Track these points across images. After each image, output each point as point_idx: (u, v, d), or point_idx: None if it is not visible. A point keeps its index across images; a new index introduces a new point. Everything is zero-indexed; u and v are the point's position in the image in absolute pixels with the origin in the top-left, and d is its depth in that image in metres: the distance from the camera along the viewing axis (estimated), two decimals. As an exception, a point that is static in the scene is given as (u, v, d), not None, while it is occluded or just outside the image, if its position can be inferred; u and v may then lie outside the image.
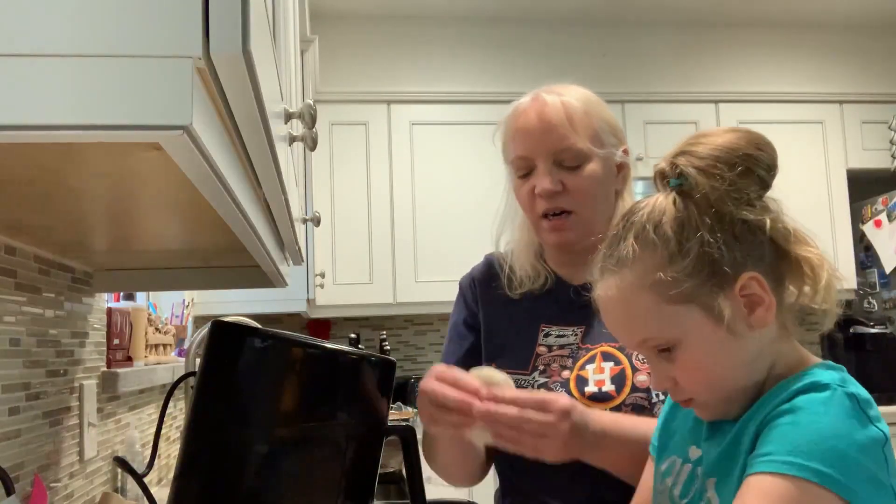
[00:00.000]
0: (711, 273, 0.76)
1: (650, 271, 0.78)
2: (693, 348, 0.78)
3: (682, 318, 0.78)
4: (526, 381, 1.20)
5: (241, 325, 0.89)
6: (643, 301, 0.79)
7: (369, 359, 0.90)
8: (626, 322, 0.82)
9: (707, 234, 0.76)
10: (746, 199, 0.78)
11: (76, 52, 0.43)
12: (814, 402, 0.73)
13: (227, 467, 0.86)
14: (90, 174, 0.65)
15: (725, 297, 0.77)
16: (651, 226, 0.79)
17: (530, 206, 1.22)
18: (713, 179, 0.77)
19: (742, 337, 0.78)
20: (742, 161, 0.78)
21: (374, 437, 0.90)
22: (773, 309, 0.78)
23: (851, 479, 0.69)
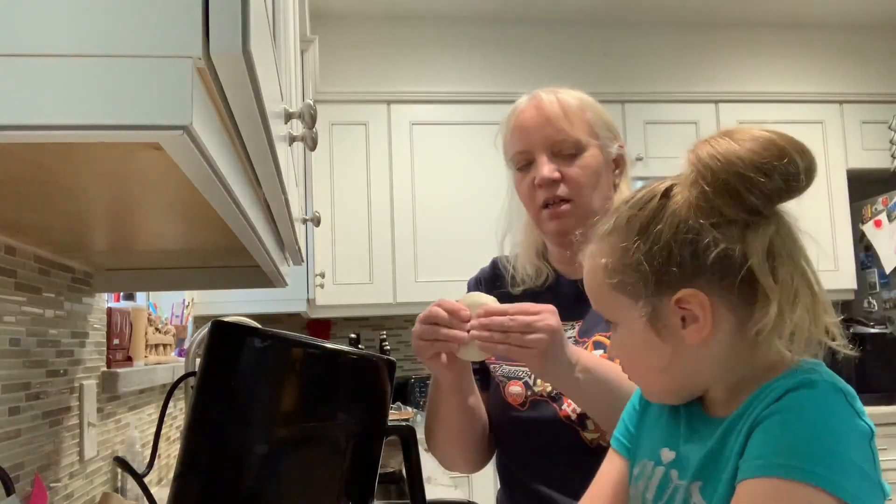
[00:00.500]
0: (651, 277, 0.77)
1: (608, 252, 0.81)
2: (623, 334, 0.82)
3: (619, 306, 0.81)
4: (523, 370, 1.24)
5: (241, 325, 0.89)
6: (596, 277, 0.83)
7: (369, 359, 0.90)
8: (587, 289, 0.86)
9: (660, 244, 0.76)
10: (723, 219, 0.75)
11: (76, 52, 0.43)
12: (803, 400, 0.73)
13: (227, 467, 0.86)
14: (90, 174, 0.65)
15: (662, 303, 0.77)
16: (625, 215, 0.81)
17: (530, 199, 1.26)
18: (709, 187, 0.75)
19: (675, 345, 0.77)
20: (756, 174, 0.74)
21: (374, 437, 0.90)
22: (706, 331, 0.76)
23: (844, 476, 0.69)
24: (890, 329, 3.55)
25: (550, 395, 1.20)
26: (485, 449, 1.30)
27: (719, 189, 0.75)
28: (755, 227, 0.75)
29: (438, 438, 1.27)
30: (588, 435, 1.16)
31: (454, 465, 1.32)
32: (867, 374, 3.54)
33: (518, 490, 1.26)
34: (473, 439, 1.27)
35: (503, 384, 1.26)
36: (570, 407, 1.18)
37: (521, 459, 1.25)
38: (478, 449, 1.29)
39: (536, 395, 1.21)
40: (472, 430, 1.26)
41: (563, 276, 1.30)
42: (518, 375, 1.25)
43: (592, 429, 1.16)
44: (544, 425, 1.19)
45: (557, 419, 1.18)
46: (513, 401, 1.24)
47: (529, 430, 1.22)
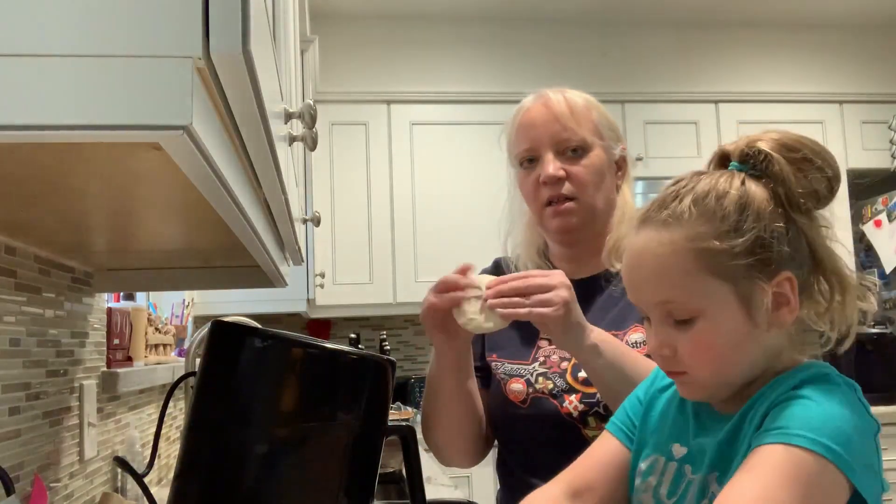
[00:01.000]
0: (760, 260, 0.77)
1: (703, 237, 0.77)
2: (712, 325, 0.78)
3: (714, 293, 0.77)
4: (525, 369, 1.25)
5: (241, 325, 0.89)
6: (685, 262, 0.77)
7: (369, 359, 0.90)
8: (655, 278, 0.80)
9: (768, 223, 0.77)
10: (815, 204, 0.80)
11: (76, 52, 0.43)
12: (820, 389, 0.75)
13: (227, 467, 0.86)
14: (90, 174, 0.65)
15: (761, 287, 0.77)
16: (714, 195, 0.78)
17: (534, 197, 1.27)
18: (799, 172, 0.78)
19: (759, 330, 0.78)
20: (823, 164, 0.79)
21: (374, 437, 0.90)
22: (796, 313, 0.79)
23: (855, 459, 0.71)
24: (890, 329, 3.55)
25: (552, 393, 1.21)
26: (482, 441, 1.30)
27: (816, 172, 0.79)
28: (817, 219, 0.81)
29: (436, 424, 1.27)
30: (589, 432, 1.16)
31: (451, 455, 1.31)
32: (867, 374, 3.54)
33: (518, 487, 1.26)
34: (471, 426, 1.27)
35: (504, 382, 1.26)
36: (572, 404, 1.18)
37: (522, 456, 1.26)
38: (475, 439, 1.28)
39: (538, 393, 1.22)
40: (469, 416, 1.26)
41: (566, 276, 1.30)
42: (519, 373, 1.25)
43: (594, 426, 1.16)
44: (545, 422, 1.20)
45: (559, 416, 1.19)
46: (514, 398, 1.24)
47: (531, 427, 1.22)
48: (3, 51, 0.42)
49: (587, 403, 1.17)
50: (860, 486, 0.71)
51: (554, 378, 1.21)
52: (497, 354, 1.29)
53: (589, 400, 1.16)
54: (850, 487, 0.71)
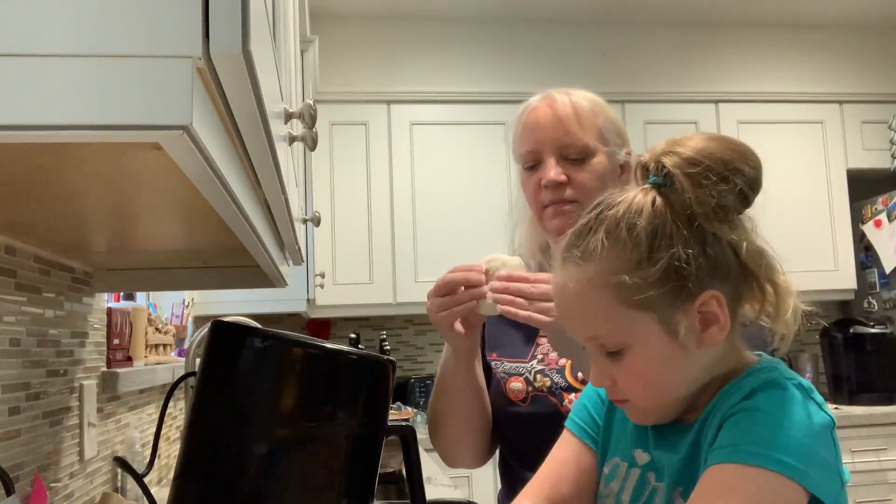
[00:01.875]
0: (675, 286, 0.75)
1: (615, 271, 0.76)
2: (640, 355, 0.78)
3: (636, 324, 0.77)
4: (524, 367, 1.25)
5: (241, 325, 0.89)
6: (602, 299, 0.77)
7: (369, 359, 0.90)
8: (579, 315, 0.81)
9: (680, 247, 0.75)
10: (725, 215, 0.77)
11: (76, 52, 0.43)
12: (770, 397, 0.75)
13: (227, 467, 0.86)
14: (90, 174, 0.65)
15: (684, 311, 0.76)
16: (625, 224, 0.77)
17: (535, 198, 1.27)
18: (698, 188, 0.76)
19: (690, 351, 0.77)
20: (731, 174, 0.76)
21: (374, 437, 0.90)
22: (727, 329, 0.77)
23: (809, 466, 0.71)
24: (890, 329, 3.55)
25: (551, 391, 1.21)
26: (489, 440, 1.30)
27: (722, 183, 0.76)
28: (738, 223, 0.78)
29: (446, 423, 1.27)
30: None
31: (458, 453, 1.31)
32: (867, 374, 3.54)
33: (518, 485, 1.26)
34: (481, 424, 1.27)
35: (504, 380, 1.26)
36: (571, 403, 1.18)
37: (522, 454, 1.26)
38: (484, 437, 1.29)
39: (537, 391, 1.22)
40: (480, 413, 1.26)
41: None
42: (519, 372, 1.25)
43: None
44: (545, 420, 1.20)
45: (558, 414, 1.19)
46: (514, 397, 1.24)
47: (530, 425, 1.22)
48: (3, 51, 0.42)
49: None
50: (818, 492, 0.71)
51: (552, 374, 1.22)
52: (497, 353, 1.30)
53: None
54: (807, 494, 0.71)
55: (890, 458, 3.27)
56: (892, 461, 3.27)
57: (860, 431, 3.26)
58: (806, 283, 3.81)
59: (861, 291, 3.76)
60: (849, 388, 3.58)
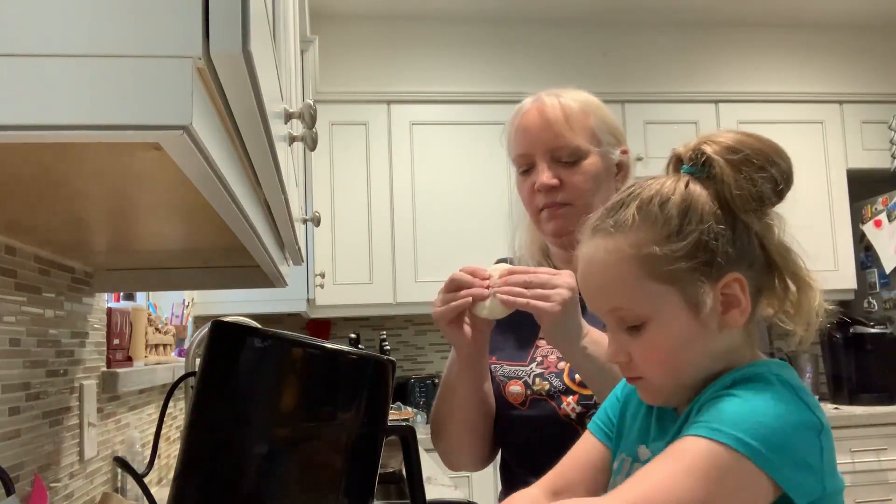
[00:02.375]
0: (703, 262, 0.77)
1: (645, 243, 0.77)
2: (661, 329, 0.78)
3: (660, 298, 0.78)
4: (523, 370, 1.25)
5: (241, 325, 0.89)
6: (629, 270, 0.78)
7: (369, 359, 0.90)
8: (603, 286, 0.81)
9: (712, 223, 0.77)
10: (759, 205, 0.78)
11: (76, 52, 0.43)
12: (750, 387, 0.75)
13: (227, 467, 0.86)
14: (90, 174, 0.65)
15: (708, 289, 0.77)
16: (658, 201, 0.79)
17: (530, 201, 1.28)
18: (738, 173, 0.78)
19: (709, 332, 0.78)
20: (768, 164, 0.78)
21: (374, 437, 0.90)
22: (747, 314, 0.78)
23: (777, 455, 0.70)
24: (890, 329, 3.55)
25: (549, 394, 1.21)
26: (491, 444, 1.30)
27: (760, 173, 0.77)
28: (769, 216, 0.80)
29: (449, 426, 1.26)
30: None
31: (460, 457, 1.31)
32: (867, 374, 3.54)
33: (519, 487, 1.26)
34: (485, 428, 1.27)
35: (503, 384, 1.26)
36: (570, 406, 1.18)
37: (521, 457, 1.26)
38: (487, 440, 1.29)
39: (536, 395, 1.22)
40: (484, 419, 1.26)
41: None
42: (518, 375, 1.25)
43: None
44: (543, 423, 1.20)
45: (556, 417, 1.19)
46: (513, 400, 1.24)
47: (529, 428, 1.22)
48: (3, 51, 0.42)
49: (584, 405, 1.17)
50: (785, 485, 0.70)
51: (550, 378, 1.21)
52: (496, 357, 1.30)
53: (586, 402, 1.17)
54: (772, 483, 0.70)
55: (890, 458, 3.27)
56: (892, 461, 3.27)
57: (860, 431, 3.26)
58: (806, 283, 3.83)
59: (861, 291, 3.76)
60: (849, 388, 3.58)
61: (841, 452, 3.23)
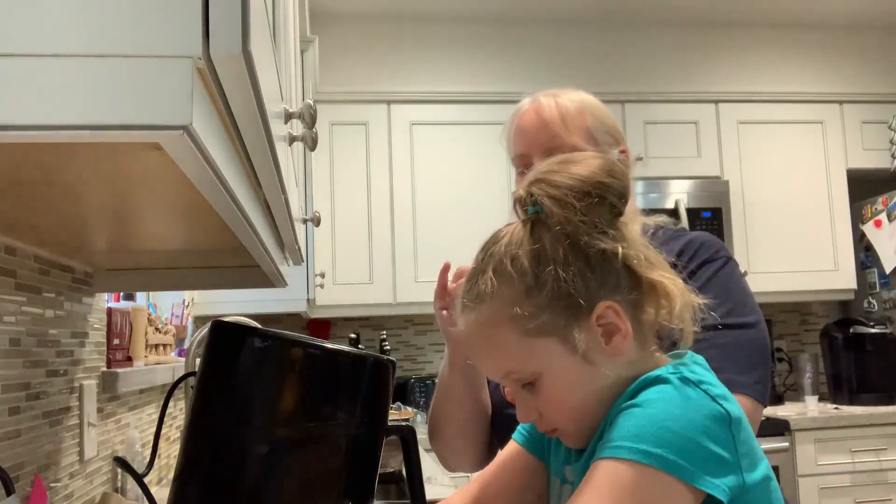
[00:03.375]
0: (567, 305, 0.76)
1: (507, 305, 0.78)
2: (553, 380, 0.79)
3: (540, 351, 0.78)
4: None
5: (241, 325, 0.89)
6: (503, 335, 0.79)
7: (369, 359, 0.90)
8: (488, 355, 0.82)
9: (561, 267, 0.76)
10: (599, 228, 0.78)
11: (76, 52, 0.43)
12: (650, 394, 0.74)
13: (227, 467, 0.86)
14: (90, 174, 0.65)
15: (581, 328, 0.77)
16: (508, 259, 0.79)
17: None
18: (566, 209, 0.77)
19: (599, 365, 0.78)
20: (594, 189, 0.78)
21: (374, 437, 0.90)
22: (630, 336, 0.78)
23: (686, 457, 0.69)
24: (890, 329, 3.55)
25: None
26: (487, 445, 1.30)
27: (588, 200, 0.77)
28: (618, 232, 0.79)
29: (446, 428, 1.27)
30: None
31: (457, 458, 1.31)
32: (867, 374, 3.54)
33: None
34: (482, 429, 1.27)
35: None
36: None
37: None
38: (484, 441, 1.29)
39: None
40: (478, 421, 1.26)
41: None
42: None
43: None
44: None
45: None
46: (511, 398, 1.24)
47: None
48: (3, 51, 0.42)
49: None
50: (703, 486, 0.69)
51: None
52: None
53: None
54: (693, 489, 0.69)
55: (890, 458, 3.27)
56: (892, 461, 3.27)
57: (860, 431, 3.26)
58: (806, 283, 3.84)
59: (861, 291, 3.76)
60: (849, 388, 3.58)
61: (841, 452, 3.24)
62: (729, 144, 3.74)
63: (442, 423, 1.27)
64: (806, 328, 4.08)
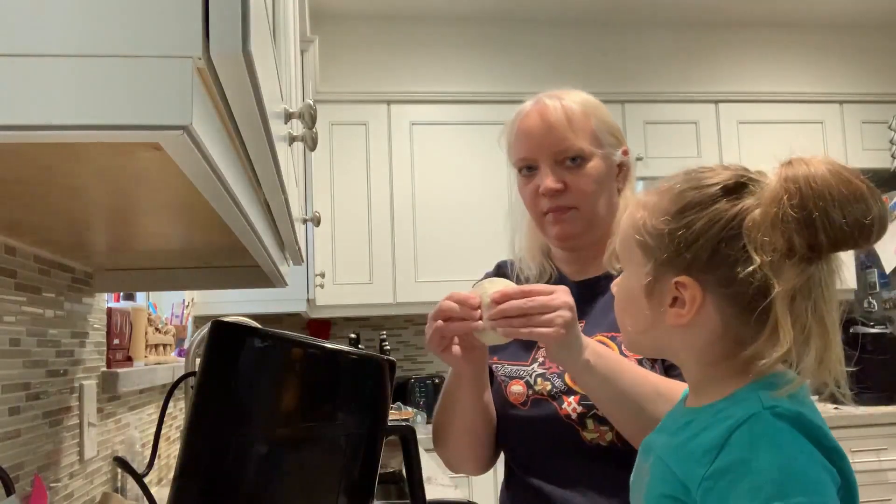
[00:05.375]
0: (672, 252, 0.79)
1: (647, 208, 0.82)
2: (625, 281, 0.86)
3: (633, 257, 0.84)
4: (525, 370, 1.25)
5: (241, 325, 0.89)
6: (628, 223, 0.85)
7: (369, 359, 0.90)
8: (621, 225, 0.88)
9: (705, 227, 0.77)
10: (778, 252, 0.73)
11: (76, 52, 0.43)
12: (743, 441, 0.71)
13: (227, 467, 0.86)
14: (90, 174, 0.65)
15: (664, 276, 0.79)
16: (687, 183, 0.81)
17: (534, 205, 1.27)
18: (774, 206, 0.73)
19: (657, 317, 0.81)
20: (820, 215, 0.71)
21: (374, 437, 0.90)
22: (685, 320, 0.78)
23: (822, 492, 0.69)
24: (890, 329, 3.55)
25: (550, 394, 1.21)
26: (493, 450, 1.30)
27: (802, 218, 0.71)
28: (799, 264, 0.73)
29: (451, 436, 1.26)
30: (587, 435, 1.16)
31: (463, 464, 1.31)
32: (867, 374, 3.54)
33: (518, 486, 1.26)
34: (487, 437, 1.27)
35: (505, 383, 1.26)
36: (570, 406, 1.18)
37: (522, 457, 1.26)
38: (490, 447, 1.29)
39: (537, 395, 1.22)
40: (486, 428, 1.26)
41: (567, 277, 1.31)
42: (520, 375, 1.25)
43: (592, 429, 1.16)
44: (544, 424, 1.20)
45: (558, 418, 1.19)
46: (514, 400, 1.24)
47: (530, 428, 1.22)
48: (3, 51, 0.42)
49: (585, 406, 1.17)
50: None
51: (552, 379, 1.21)
52: (497, 357, 1.30)
53: (587, 402, 1.16)
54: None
55: (890, 458, 3.27)
56: (892, 461, 3.27)
57: (860, 431, 3.26)
58: (806, 283, 3.83)
59: (861, 291, 3.76)
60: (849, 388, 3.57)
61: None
62: (729, 144, 3.74)
63: (448, 431, 1.27)
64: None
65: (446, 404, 1.26)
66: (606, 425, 1.13)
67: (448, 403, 1.25)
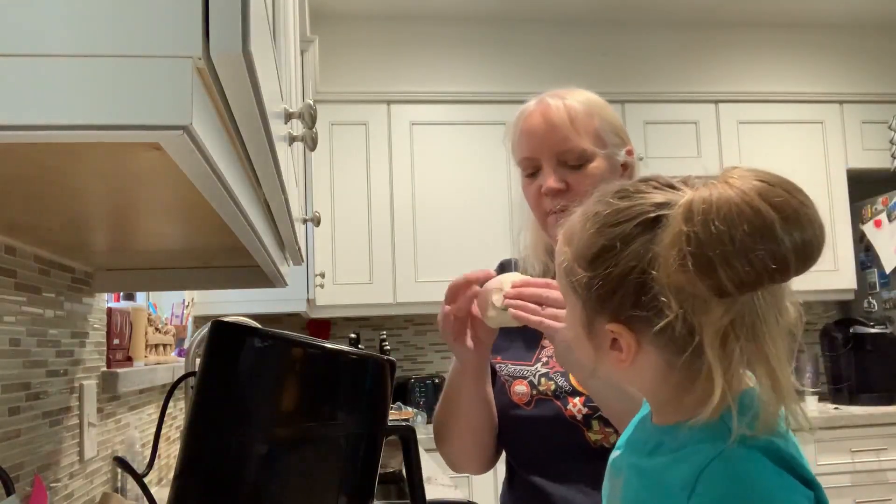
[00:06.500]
0: (600, 296, 0.73)
1: (573, 243, 0.76)
2: (568, 314, 0.80)
3: (566, 293, 0.78)
4: (528, 370, 1.25)
5: (241, 325, 0.89)
6: (559, 256, 0.79)
7: (369, 359, 0.90)
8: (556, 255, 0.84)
9: (626, 270, 0.70)
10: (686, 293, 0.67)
11: (76, 52, 0.43)
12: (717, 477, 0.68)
13: (227, 467, 0.86)
14: (90, 174, 0.65)
15: (598, 319, 0.74)
16: (605, 217, 0.73)
17: (537, 205, 1.27)
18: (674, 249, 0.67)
19: (601, 354, 0.75)
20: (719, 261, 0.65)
21: (374, 437, 0.90)
22: (627, 364, 0.73)
23: None
24: (890, 329, 3.55)
25: (555, 394, 1.21)
26: (494, 448, 1.30)
27: (700, 264, 0.65)
28: (722, 304, 0.67)
29: (453, 433, 1.26)
30: (592, 436, 1.16)
31: (465, 462, 1.31)
32: (867, 374, 3.54)
33: (520, 485, 1.26)
34: (489, 434, 1.27)
35: (509, 383, 1.26)
36: (576, 407, 1.18)
37: (525, 457, 1.26)
38: (491, 445, 1.29)
39: (541, 395, 1.22)
40: (488, 423, 1.26)
41: None
42: (523, 375, 1.25)
43: (597, 430, 1.16)
44: (548, 424, 1.20)
45: (562, 418, 1.19)
46: (518, 400, 1.24)
47: (533, 428, 1.22)
48: (3, 51, 0.42)
49: (591, 407, 1.17)
50: None
51: (556, 378, 1.21)
52: (501, 356, 1.30)
53: (592, 403, 1.16)
54: None
55: (890, 458, 3.27)
56: (892, 461, 3.27)
57: (860, 431, 3.26)
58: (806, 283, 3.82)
59: (861, 291, 3.76)
60: (849, 388, 3.58)
61: (841, 452, 3.24)
62: (729, 144, 3.74)
63: (450, 429, 1.27)
64: (806, 328, 4.06)
65: (448, 400, 1.26)
66: (612, 427, 1.13)
67: (450, 398, 1.25)
